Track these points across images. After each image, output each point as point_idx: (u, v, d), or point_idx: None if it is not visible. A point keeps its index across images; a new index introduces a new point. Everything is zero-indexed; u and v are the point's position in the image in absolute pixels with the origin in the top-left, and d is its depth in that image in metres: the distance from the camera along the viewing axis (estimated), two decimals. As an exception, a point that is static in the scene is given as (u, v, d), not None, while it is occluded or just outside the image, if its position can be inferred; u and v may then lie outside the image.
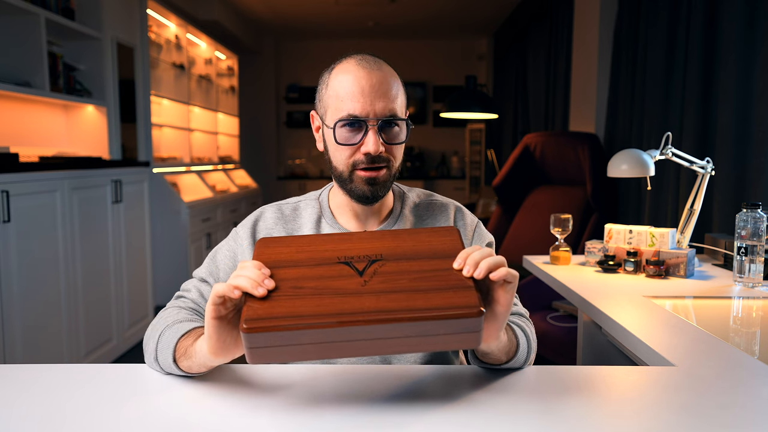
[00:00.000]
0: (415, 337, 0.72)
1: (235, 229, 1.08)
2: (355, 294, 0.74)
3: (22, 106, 2.98)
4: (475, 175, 6.80)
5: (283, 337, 0.70)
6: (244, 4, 5.75)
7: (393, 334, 0.71)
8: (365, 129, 0.97)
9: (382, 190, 1.00)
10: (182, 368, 0.86)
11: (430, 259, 0.80)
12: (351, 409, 0.77)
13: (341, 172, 1.00)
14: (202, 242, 4.36)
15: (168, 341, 0.88)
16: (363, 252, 0.82)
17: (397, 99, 0.99)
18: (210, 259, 1.07)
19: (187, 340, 0.86)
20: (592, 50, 3.40)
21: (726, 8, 2.16)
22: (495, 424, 0.73)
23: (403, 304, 0.73)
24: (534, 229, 3.23)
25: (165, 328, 0.91)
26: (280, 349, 0.71)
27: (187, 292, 1.04)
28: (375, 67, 0.98)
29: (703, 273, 1.72)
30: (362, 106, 0.96)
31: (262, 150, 7.47)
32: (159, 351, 0.89)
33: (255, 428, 0.73)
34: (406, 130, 1.00)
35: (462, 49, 7.40)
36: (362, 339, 0.72)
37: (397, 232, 0.88)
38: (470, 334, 0.73)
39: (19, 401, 0.80)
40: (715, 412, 0.77)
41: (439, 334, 0.72)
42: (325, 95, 1.01)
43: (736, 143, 2.10)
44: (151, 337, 0.94)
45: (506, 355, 0.90)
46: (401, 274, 0.78)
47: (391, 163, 1.00)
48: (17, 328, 2.28)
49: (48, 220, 2.51)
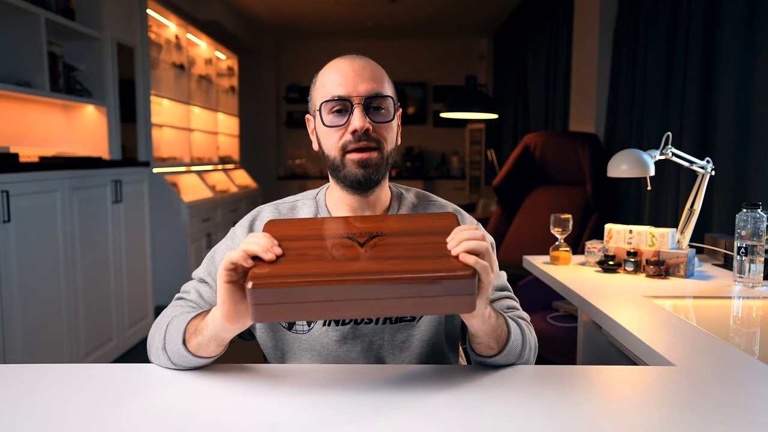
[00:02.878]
0: (411, 298, 0.76)
1: (233, 229, 1.09)
2: (356, 259, 0.80)
3: (22, 106, 2.98)
4: (475, 175, 6.80)
5: (286, 294, 0.75)
6: (244, 4, 5.75)
7: (390, 294, 0.76)
8: (351, 109, 0.98)
9: (375, 173, 0.99)
10: (191, 349, 0.89)
11: (427, 235, 0.86)
12: (350, 408, 0.77)
13: (333, 158, 1.00)
14: (202, 242, 4.36)
15: (178, 327, 0.92)
16: (365, 230, 0.87)
17: (382, 82, 1.00)
18: (208, 259, 1.08)
19: (196, 320, 0.90)
20: (592, 50, 3.40)
21: (726, 8, 2.16)
22: (495, 424, 0.73)
23: (400, 266, 0.77)
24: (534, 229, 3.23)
25: (173, 319, 0.95)
26: (284, 306, 0.75)
27: (186, 294, 1.06)
28: (358, 58, 1.02)
29: (703, 273, 1.72)
30: (345, 87, 0.98)
31: (262, 150, 7.47)
32: (168, 339, 0.92)
33: (255, 428, 0.73)
34: (393, 110, 1.01)
35: (462, 49, 7.40)
36: (361, 298, 0.76)
37: (398, 215, 0.95)
38: (464, 297, 0.76)
39: (20, 401, 0.80)
40: (715, 412, 0.77)
41: (434, 296, 0.76)
42: (313, 92, 1.05)
43: (736, 143, 2.10)
44: (156, 331, 0.96)
45: (496, 341, 0.91)
46: (399, 246, 0.83)
47: (382, 144, 0.99)
48: (17, 328, 2.28)
49: (48, 220, 2.51)
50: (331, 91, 0.99)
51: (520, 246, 3.23)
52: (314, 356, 1.02)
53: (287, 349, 1.03)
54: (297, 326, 1.02)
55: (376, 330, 1.01)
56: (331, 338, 1.01)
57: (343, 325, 1.01)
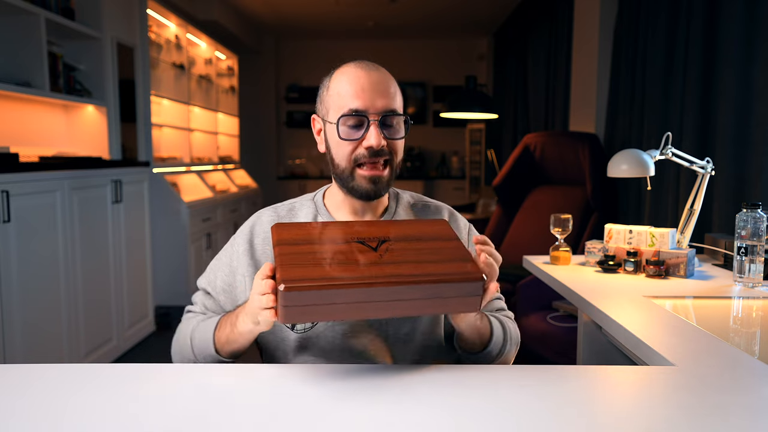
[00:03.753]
0: (426, 299, 0.83)
1: (233, 237, 1.12)
2: (375, 264, 0.85)
3: (22, 106, 2.98)
4: (475, 175, 6.80)
5: (317, 296, 0.79)
6: (244, 4, 5.75)
7: (412, 295, 0.82)
8: (367, 124, 1.00)
9: (384, 188, 1.04)
10: (221, 339, 0.98)
11: (431, 241, 0.92)
12: (351, 407, 0.77)
13: (343, 169, 1.02)
14: (202, 242, 4.36)
15: (210, 323, 1.02)
16: (371, 234, 0.92)
17: (395, 98, 1.03)
18: (210, 268, 1.13)
19: (222, 331, 0.99)
20: (592, 50, 3.40)
21: (725, 8, 2.16)
22: (495, 424, 0.73)
23: (418, 270, 0.84)
24: (534, 229, 3.23)
25: (205, 319, 1.06)
26: (312, 308, 0.80)
27: (194, 306, 1.13)
28: (373, 68, 1.04)
29: (703, 273, 1.72)
30: (363, 102, 0.99)
31: (262, 150, 7.47)
32: (197, 355, 1.02)
33: (256, 428, 0.73)
34: (405, 126, 1.04)
35: (462, 49, 7.39)
36: (386, 300, 0.82)
37: (395, 221, 1.00)
38: (472, 297, 0.85)
39: (19, 401, 0.80)
40: (715, 412, 0.77)
41: (447, 297, 0.84)
42: (326, 96, 1.05)
43: (736, 143, 2.10)
44: (183, 331, 1.06)
45: (479, 339, 1.00)
46: (409, 250, 0.89)
47: (393, 158, 1.03)
48: (17, 328, 2.28)
49: (48, 220, 2.51)
50: (348, 104, 1.00)
51: (520, 246, 3.23)
52: (317, 353, 1.02)
53: (289, 347, 1.04)
54: (299, 325, 1.02)
55: (382, 322, 1.04)
56: (337, 332, 1.02)
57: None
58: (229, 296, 1.09)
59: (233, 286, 1.08)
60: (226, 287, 1.09)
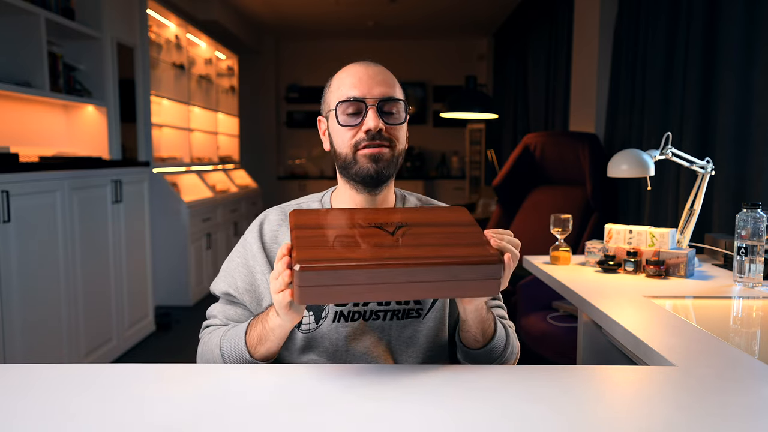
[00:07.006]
0: (443, 281, 0.82)
1: (243, 236, 1.11)
2: (393, 246, 0.85)
3: (22, 106, 2.98)
4: (475, 175, 6.80)
5: (332, 276, 0.78)
6: (244, 4, 5.75)
7: (429, 277, 0.82)
8: (365, 110, 1.01)
9: (386, 168, 1.02)
10: (253, 341, 0.97)
11: (449, 226, 0.92)
12: (352, 407, 0.77)
13: (345, 155, 1.03)
14: (202, 242, 4.36)
15: (240, 328, 1.00)
16: (389, 220, 0.92)
17: (395, 87, 1.05)
18: (225, 272, 1.11)
19: (253, 333, 0.97)
20: (592, 50, 3.40)
21: (726, 9, 2.16)
22: (494, 424, 0.73)
23: (435, 252, 0.83)
24: (534, 229, 3.23)
25: (231, 327, 1.05)
26: (329, 289, 0.79)
27: (213, 318, 1.10)
28: (372, 64, 1.06)
29: (703, 273, 1.72)
30: (361, 90, 1.01)
31: (262, 150, 7.47)
32: (225, 340, 1.01)
33: (257, 428, 0.73)
34: (404, 112, 1.05)
35: (462, 49, 7.39)
36: (400, 281, 0.81)
37: (414, 208, 1.01)
38: (490, 281, 0.84)
39: (20, 401, 0.80)
40: (715, 412, 0.77)
41: (465, 279, 0.83)
42: (328, 94, 1.07)
43: (736, 143, 2.10)
44: (208, 344, 1.05)
45: (482, 335, 0.99)
46: (427, 235, 0.89)
47: (394, 143, 1.03)
48: (17, 328, 2.27)
49: (48, 220, 2.51)
50: (346, 93, 1.02)
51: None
52: (321, 353, 1.03)
53: (294, 347, 1.04)
54: (303, 325, 1.03)
55: (384, 326, 1.04)
56: (341, 334, 1.02)
57: (353, 321, 1.03)
58: (254, 296, 1.07)
59: (255, 285, 1.07)
60: (248, 287, 1.07)
